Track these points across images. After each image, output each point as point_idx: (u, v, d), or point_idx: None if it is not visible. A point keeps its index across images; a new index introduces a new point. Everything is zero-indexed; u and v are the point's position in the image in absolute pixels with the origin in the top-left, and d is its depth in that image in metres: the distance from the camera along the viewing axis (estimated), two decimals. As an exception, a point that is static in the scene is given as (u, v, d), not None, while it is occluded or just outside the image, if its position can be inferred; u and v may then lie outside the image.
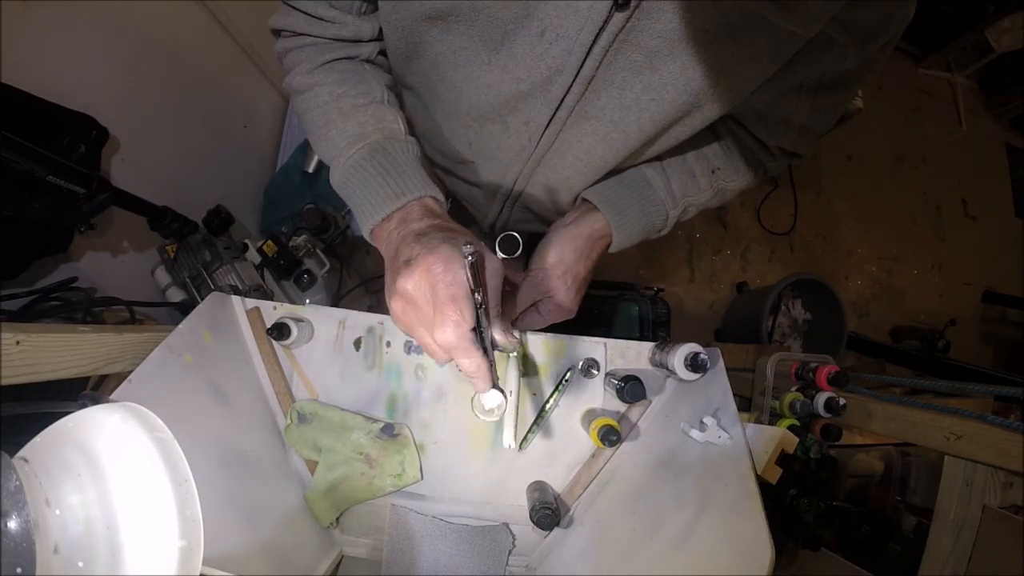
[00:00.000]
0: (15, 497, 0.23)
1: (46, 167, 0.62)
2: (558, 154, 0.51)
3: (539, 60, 0.42)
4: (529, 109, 0.46)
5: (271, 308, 0.59)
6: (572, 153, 0.51)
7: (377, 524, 0.60)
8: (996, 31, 2.18)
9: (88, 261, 0.85)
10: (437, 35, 0.44)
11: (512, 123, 0.49)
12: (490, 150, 0.54)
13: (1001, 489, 0.58)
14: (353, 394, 0.59)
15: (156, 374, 0.44)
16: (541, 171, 0.54)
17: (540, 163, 0.53)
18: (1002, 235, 2.30)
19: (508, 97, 0.46)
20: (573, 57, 0.41)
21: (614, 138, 0.47)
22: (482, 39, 0.42)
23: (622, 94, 0.43)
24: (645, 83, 0.42)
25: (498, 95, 0.46)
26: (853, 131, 2.03)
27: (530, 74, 0.43)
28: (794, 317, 1.75)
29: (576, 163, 0.52)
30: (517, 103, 0.46)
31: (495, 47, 0.43)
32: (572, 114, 0.46)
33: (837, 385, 0.71)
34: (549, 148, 0.51)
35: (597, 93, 0.44)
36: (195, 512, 0.29)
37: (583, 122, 0.47)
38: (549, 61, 0.42)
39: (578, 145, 0.49)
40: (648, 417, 0.58)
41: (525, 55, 0.42)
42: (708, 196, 0.56)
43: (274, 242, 1.03)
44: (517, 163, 0.54)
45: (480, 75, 0.45)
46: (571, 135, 0.49)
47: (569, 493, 0.58)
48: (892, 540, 0.78)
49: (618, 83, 0.43)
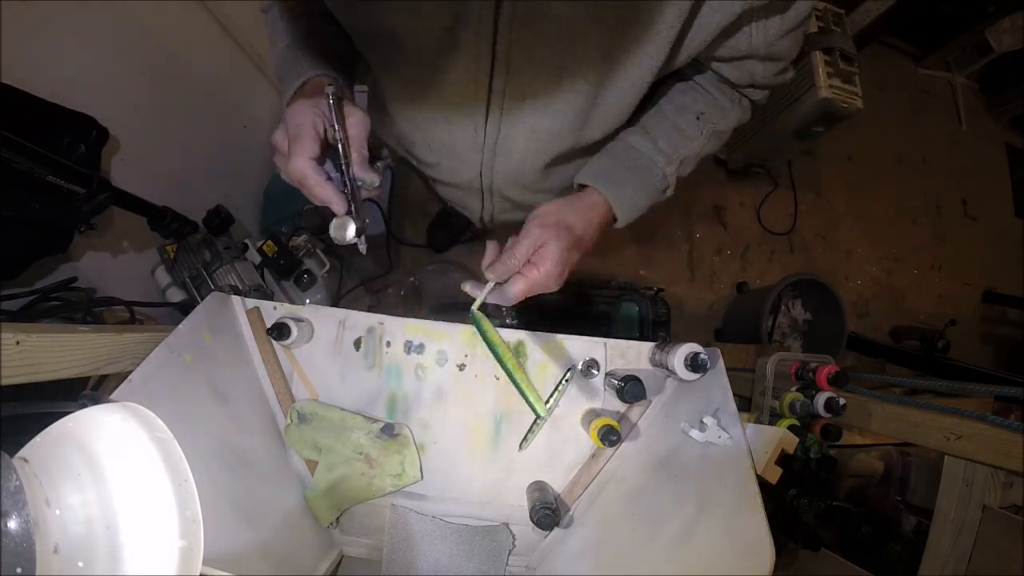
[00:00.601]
0: (15, 497, 0.23)
1: (46, 167, 0.62)
2: (508, 139, 0.53)
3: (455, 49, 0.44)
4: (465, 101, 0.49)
5: (271, 308, 0.59)
6: (521, 135, 0.52)
7: (377, 524, 0.60)
8: (996, 31, 2.18)
9: (88, 261, 0.85)
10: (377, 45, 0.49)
11: (455, 118, 0.51)
12: (447, 149, 0.57)
13: (1001, 489, 0.58)
14: (353, 394, 0.59)
15: (156, 374, 0.44)
16: (500, 159, 0.56)
17: (496, 151, 0.55)
18: (1002, 235, 2.30)
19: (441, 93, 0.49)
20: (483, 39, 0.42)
21: (557, 108, 0.48)
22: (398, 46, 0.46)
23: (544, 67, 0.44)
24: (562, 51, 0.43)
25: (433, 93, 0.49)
26: (853, 131, 2.03)
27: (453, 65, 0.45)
28: (794, 317, 1.75)
29: (528, 143, 0.53)
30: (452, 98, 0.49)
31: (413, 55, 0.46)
32: (506, 97, 0.48)
33: (837, 385, 0.71)
34: (498, 135, 0.52)
35: (521, 71, 0.45)
36: (195, 512, 0.29)
37: (520, 102, 0.48)
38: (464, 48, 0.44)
39: (523, 125, 0.51)
40: (648, 417, 0.58)
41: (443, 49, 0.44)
42: (702, 143, 0.55)
43: (274, 242, 1.03)
44: (475, 156, 0.56)
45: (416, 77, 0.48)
46: (514, 118, 0.50)
47: (569, 493, 0.58)
48: (892, 540, 0.78)
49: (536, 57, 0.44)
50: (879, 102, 2.26)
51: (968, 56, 2.42)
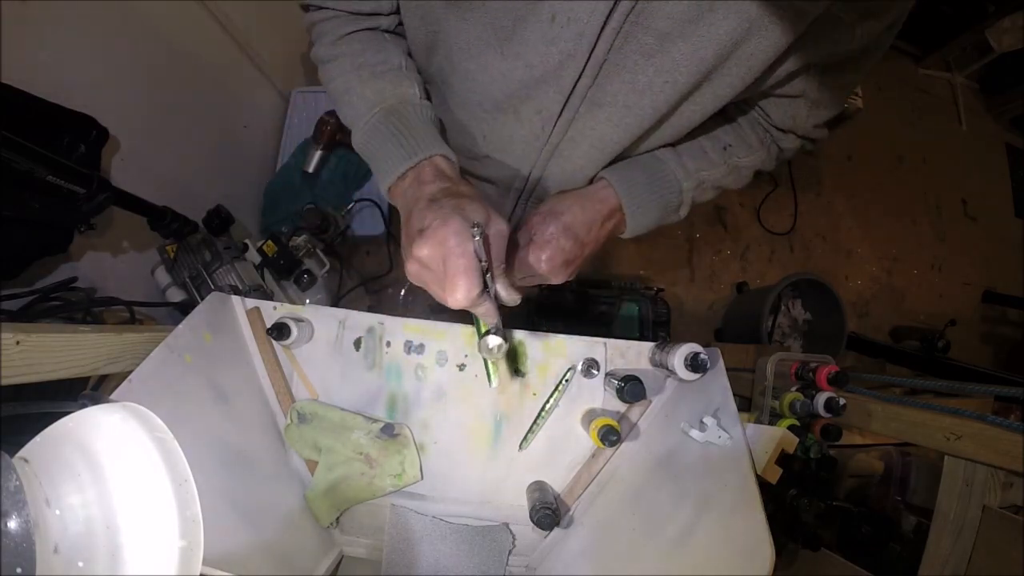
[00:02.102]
0: (15, 497, 0.23)
1: (46, 167, 0.62)
2: (572, 143, 0.51)
3: (550, 45, 0.42)
4: (541, 97, 0.47)
5: (271, 308, 0.59)
6: (587, 141, 0.51)
7: (377, 524, 0.60)
8: (996, 31, 2.18)
9: (88, 261, 0.85)
10: (453, 23, 0.45)
11: (525, 113, 0.49)
12: (504, 142, 0.55)
13: (1001, 489, 0.58)
14: (353, 394, 0.59)
15: (156, 374, 0.44)
16: (555, 161, 0.54)
17: (554, 153, 0.53)
18: (1002, 235, 2.30)
19: (520, 86, 0.46)
20: (584, 40, 0.41)
21: (628, 123, 0.47)
22: (494, 27, 0.43)
23: (634, 78, 0.43)
24: (657, 66, 0.42)
25: (510, 84, 0.46)
26: (853, 131, 2.03)
27: (542, 60, 0.43)
28: (794, 317, 1.75)
29: (591, 151, 0.52)
30: (529, 91, 0.47)
31: (507, 35, 0.43)
32: (584, 101, 0.46)
33: (837, 385, 0.71)
34: (563, 137, 0.51)
35: (609, 78, 0.44)
36: (195, 512, 0.29)
37: (596, 109, 0.47)
38: (560, 46, 0.42)
39: (592, 132, 0.49)
40: (648, 417, 0.58)
41: (536, 41, 0.42)
42: (723, 172, 0.55)
43: (274, 242, 1.03)
44: (531, 154, 0.54)
45: (493, 64, 0.46)
46: (584, 123, 0.49)
47: (569, 493, 0.58)
48: (892, 540, 0.78)
49: (630, 67, 0.43)
50: (879, 102, 2.27)
51: (968, 56, 2.42)
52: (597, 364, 0.58)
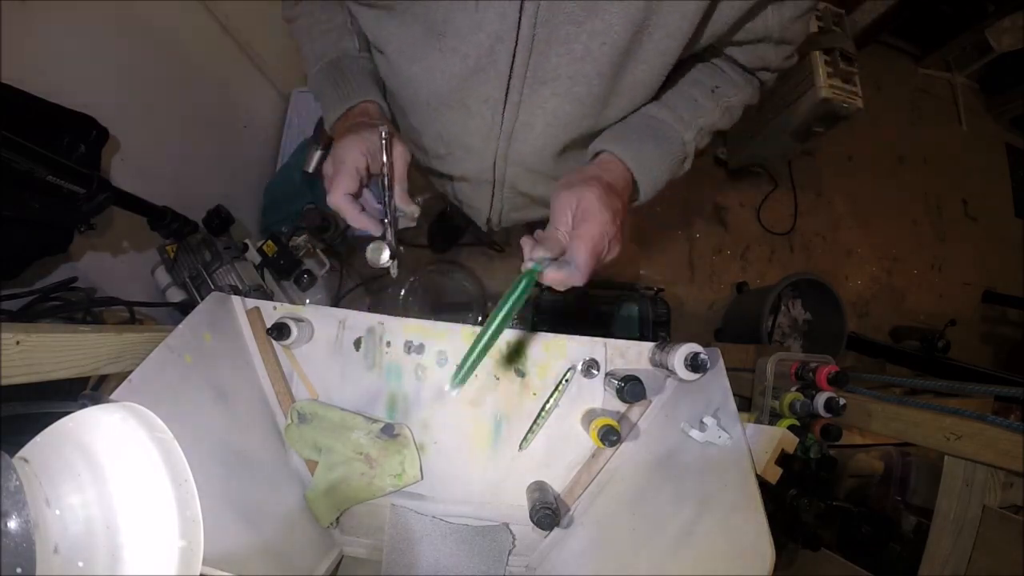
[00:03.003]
0: (15, 497, 0.23)
1: (46, 167, 0.62)
2: (526, 125, 0.52)
3: (478, 31, 0.43)
4: (484, 86, 0.48)
5: (271, 308, 0.59)
6: (540, 120, 0.51)
7: (377, 524, 0.60)
8: (996, 31, 2.17)
9: (88, 261, 0.85)
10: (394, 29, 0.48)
11: (472, 104, 0.50)
12: (461, 137, 0.56)
13: (1001, 489, 0.58)
14: (353, 394, 0.59)
15: (156, 374, 0.44)
16: (515, 147, 0.55)
17: (512, 139, 0.54)
18: (1002, 235, 2.30)
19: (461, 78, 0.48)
20: (508, 19, 0.41)
21: (577, 92, 0.47)
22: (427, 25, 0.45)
23: (570, 48, 0.43)
24: (590, 30, 0.42)
25: (451, 78, 0.48)
26: (853, 131, 2.03)
27: (475, 48, 0.44)
28: (794, 317, 1.75)
29: (548, 128, 0.52)
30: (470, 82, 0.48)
31: (441, 30, 0.44)
32: (526, 81, 0.47)
33: (837, 385, 0.71)
34: (516, 121, 0.51)
35: (545, 54, 0.44)
36: (195, 512, 0.29)
37: (540, 87, 0.47)
38: (487, 29, 0.42)
39: (542, 111, 0.50)
40: (648, 417, 0.58)
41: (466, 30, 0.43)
42: (718, 115, 0.54)
43: (274, 242, 1.03)
44: (490, 144, 0.55)
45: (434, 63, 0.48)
46: (533, 103, 0.49)
47: (569, 493, 0.58)
48: (892, 540, 0.78)
49: (562, 38, 0.43)
50: (879, 102, 2.26)
51: (968, 56, 2.42)
52: (597, 364, 0.58)
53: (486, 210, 0.70)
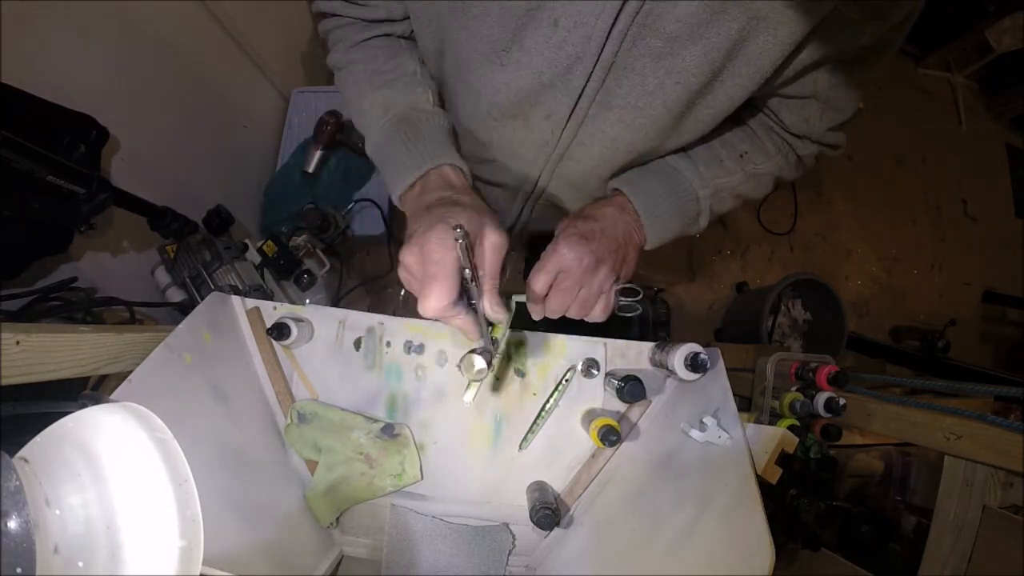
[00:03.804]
0: (15, 497, 0.23)
1: (46, 167, 0.62)
2: (582, 145, 0.51)
3: (557, 50, 0.42)
4: (550, 102, 0.46)
5: (271, 308, 0.59)
6: (598, 143, 0.50)
7: (377, 524, 0.60)
8: (996, 31, 2.17)
9: (88, 261, 0.85)
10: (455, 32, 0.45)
11: (534, 118, 0.49)
12: (513, 147, 0.54)
13: (1001, 489, 0.58)
14: (353, 394, 0.59)
15: (156, 374, 0.44)
16: (566, 164, 0.54)
17: (564, 156, 0.53)
18: (1002, 235, 2.30)
19: (528, 92, 0.46)
20: (592, 43, 0.41)
21: (641, 123, 0.47)
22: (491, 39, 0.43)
23: (644, 80, 0.43)
24: (668, 68, 0.42)
25: (517, 92, 0.46)
26: (853, 131, 1.99)
27: (549, 66, 0.43)
28: (794, 317, 1.75)
29: (603, 151, 0.51)
30: (538, 97, 0.46)
31: (506, 45, 0.43)
32: (594, 104, 0.46)
33: (837, 385, 0.71)
34: (573, 140, 0.50)
35: (618, 81, 0.44)
36: (195, 512, 0.29)
37: (606, 111, 0.47)
38: (568, 50, 0.42)
39: (603, 135, 0.49)
40: (648, 417, 0.58)
41: (541, 47, 0.42)
42: (740, 179, 0.54)
43: (274, 242, 1.03)
44: (541, 158, 0.54)
45: (494, 76, 0.46)
46: (595, 125, 0.48)
47: (569, 493, 0.58)
48: (892, 540, 0.78)
49: (639, 70, 0.42)
50: (879, 102, 2.26)
51: (968, 56, 2.42)
52: (597, 364, 0.58)
53: (512, 218, 0.68)
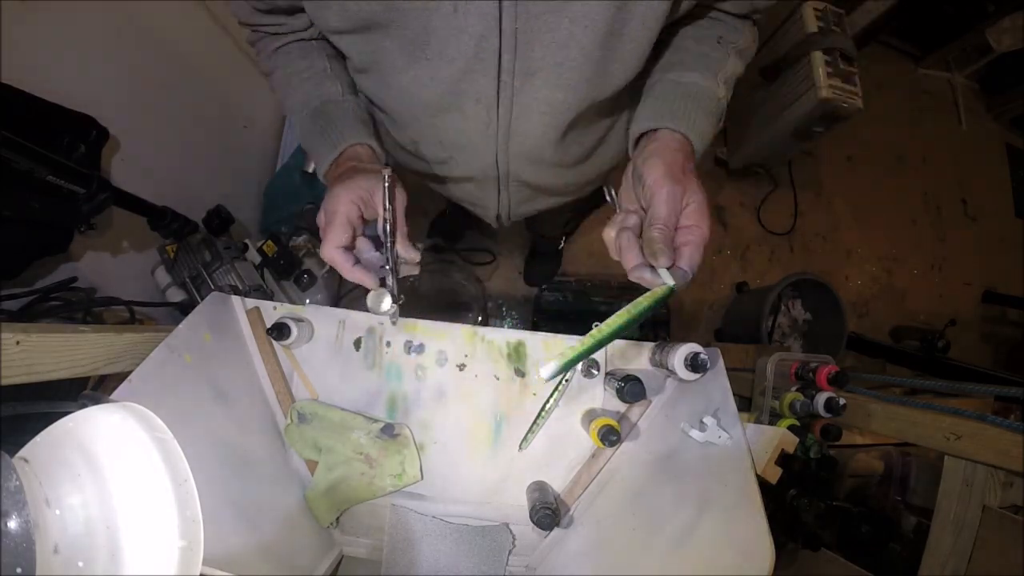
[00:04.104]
0: (15, 497, 0.23)
1: (46, 167, 0.62)
2: (523, 117, 0.52)
3: (461, 33, 0.43)
4: (474, 85, 0.48)
5: (271, 308, 0.59)
6: (536, 111, 0.51)
7: (377, 524, 0.60)
8: (996, 31, 2.17)
9: (88, 261, 0.85)
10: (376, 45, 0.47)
11: (466, 105, 0.50)
12: (460, 139, 0.56)
13: (1001, 489, 0.58)
14: (353, 394, 0.59)
15: (156, 374, 0.44)
16: (515, 140, 0.55)
17: (510, 133, 0.54)
18: (1002, 235, 2.30)
19: (450, 82, 0.48)
20: (489, 17, 0.42)
21: (568, 78, 0.47)
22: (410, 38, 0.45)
23: (554, 35, 0.43)
24: (570, 15, 0.42)
25: (441, 83, 0.48)
26: (853, 131, 2.02)
27: (460, 52, 0.44)
28: (794, 317, 1.75)
29: (544, 116, 0.51)
30: (461, 84, 0.48)
31: (424, 42, 0.45)
32: (515, 75, 0.47)
33: (837, 385, 0.71)
34: (511, 115, 0.51)
35: (530, 45, 0.44)
36: (195, 512, 0.29)
37: (531, 78, 0.47)
38: (471, 31, 0.43)
39: (536, 102, 0.50)
40: (648, 417, 0.58)
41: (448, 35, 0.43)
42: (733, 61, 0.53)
43: (274, 242, 1.03)
44: (489, 142, 0.55)
45: (420, 71, 0.48)
46: (526, 95, 0.49)
47: (569, 493, 0.58)
48: (892, 540, 0.78)
49: (544, 27, 0.43)
50: (879, 102, 2.26)
51: (968, 56, 2.42)
52: (597, 364, 0.58)
53: (494, 207, 0.69)
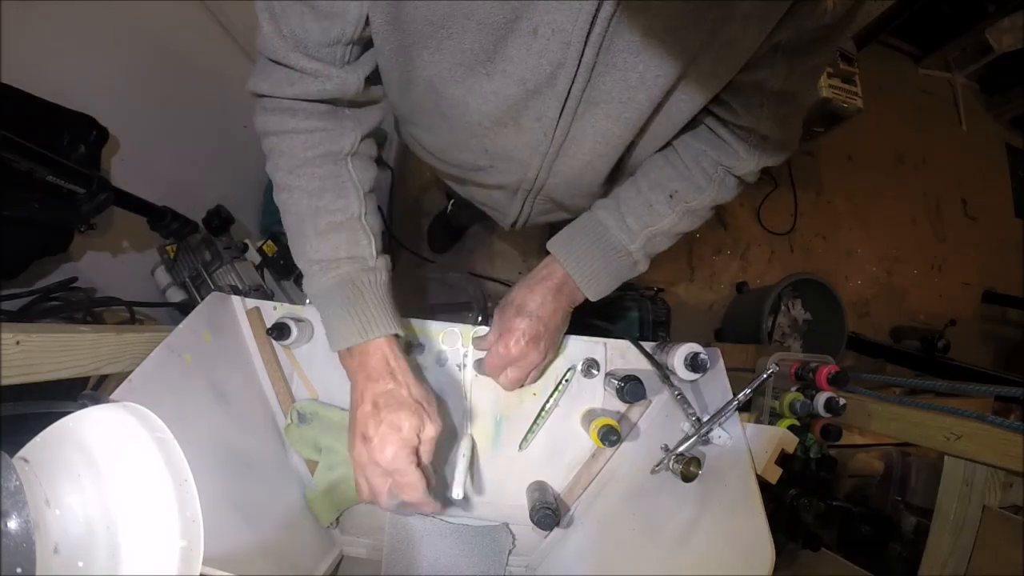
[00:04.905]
0: (15, 497, 0.23)
1: (46, 167, 0.62)
2: (575, 142, 0.52)
3: (539, 58, 0.43)
4: (539, 106, 0.48)
5: (271, 308, 0.59)
6: (589, 138, 0.52)
7: (377, 524, 0.60)
8: (996, 31, 2.18)
9: (88, 261, 0.85)
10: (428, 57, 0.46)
11: (525, 122, 0.50)
12: (507, 152, 0.55)
13: (1001, 489, 0.58)
14: (353, 394, 0.59)
15: (156, 374, 0.44)
16: (561, 160, 0.55)
17: (559, 154, 0.54)
18: (1002, 235, 2.30)
19: (515, 100, 0.47)
20: (572, 48, 0.42)
21: (627, 117, 0.49)
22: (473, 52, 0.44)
23: (626, 76, 0.45)
24: (646, 61, 0.43)
25: (505, 100, 0.47)
26: (853, 131, 2.03)
27: (533, 74, 0.44)
28: (794, 317, 1.75)
29: (595, 146, 0.53)
30: (526, 103, 0.47)
31: (489, 56, 0.44)
32: (581, 102, 0.47)
33: (837, 385, 0.71)
34: (565, 138, 0.52)
35: (602, 77, 0.45)
36: (195, 512, 0.29)
37: (593, 107, 0.48)
38: (549, 57, 0.43)
39: (592, 129, 0.51)
40: (648, 417, 0.58)
41: (523, 56, 0.43)
42: (673, 220, 0.55)
43: (274, 242, 1.03)
44: (536, 158, 0.55)
45: (481, 85, 0.46)
46: (584, 122, 0.50)
47: (569, 493, 0.58)
48: (892, 540, 0.78)
49: (620, 65, 0.44)
50: (879, 102, 2.26)
51: (968, 56, 2.42)
52: (597, 364, 0.58)
53: (514, 215, 0.69)
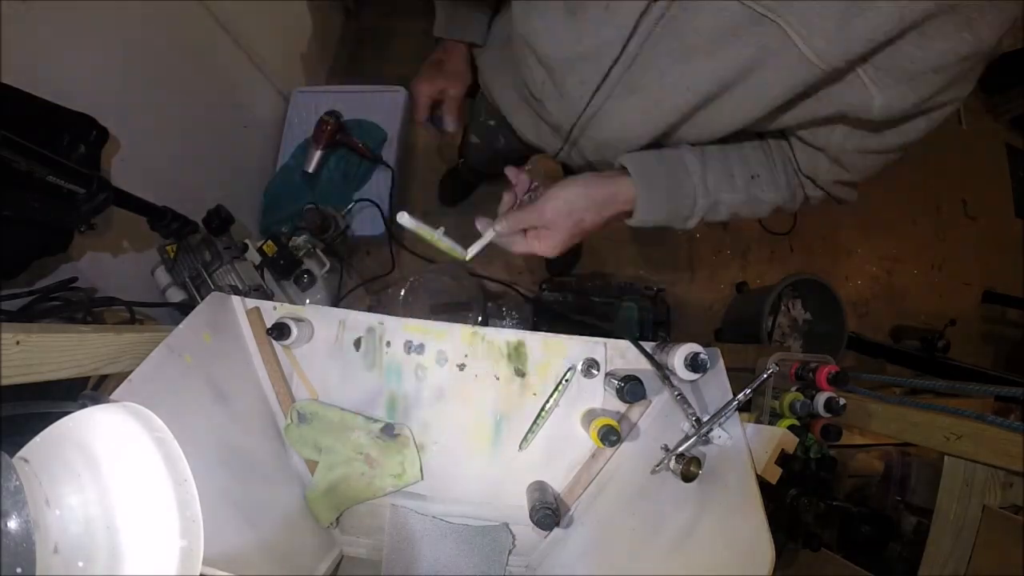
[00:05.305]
0: (15, 497, 0.23)
1: (46, 167, 0.62)
2: (606, 117, 0.55)
3: (599, 28, 0.47)
4: (585, 70, 0.51)
5: (271, 308, 0.59)
6: (616, 120, 0.54)
7: (377, 524, 0.60)
8: (996, 31, 2.17)
9: (88, 261, 0.85)
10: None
11: (570, 80, 0.54)
12: (553, 97, 0.58)
13: (1001, 489, 0.58)
14: (353, 394, 0.59)
15: (156, 374, 0.44)
16: (592, 128, 0.58)
17: (590, 122, 0.57)
18: (1002, 235, 2.30)
19: (570, 55, 0.51)
20: (621, 32, 0.45)
21: (654, 116, 0.51)
22: None
23: (662, 77, 0.47)
24: (682, 71, 0.45)
25: (564, 51, 0.51)
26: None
27: (591, 40, 0.48)
28: (794, 317, 1.75)
29: (618, 131, 0.55)
30: (576, 63, 0.51)
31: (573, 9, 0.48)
32: (619, 85, 0.50)
33: (837, 385, 0.71)
34: (599, 110, 0.55)
35: (643, 70, 0.48)
36: (195, 512, 0.29)
37: (629, 94, 0.51)
38: (604, 33, 0.47)
39: (619, 115, 0.53)
40: (648, 417, 0.58)
41: (590, 21, 0.47)
42: (742, 199, 0.56)
43: (274, 242, 1.03)
44: (572, 115, 0.58)
45: (555, 29, 0.51)
46: (616, 103, 0.53)
47: (569, 493, 0.58)
48: (892, 540, 0.78)
49: (659, 66, 0.47)
50: (879, 102, 2.26)
51: (968, 56, 2.41)
52: (597, 364, 0.58)
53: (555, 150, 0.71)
